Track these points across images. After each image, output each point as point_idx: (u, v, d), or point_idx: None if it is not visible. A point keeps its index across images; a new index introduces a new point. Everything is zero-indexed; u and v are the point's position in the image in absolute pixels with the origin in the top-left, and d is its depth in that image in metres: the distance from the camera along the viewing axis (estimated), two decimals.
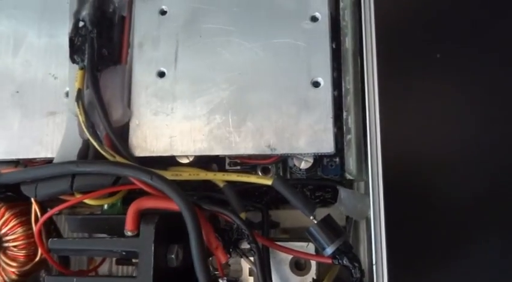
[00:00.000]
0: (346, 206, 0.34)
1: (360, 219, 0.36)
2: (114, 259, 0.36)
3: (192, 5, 0.35)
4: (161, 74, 0.34)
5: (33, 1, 0.38)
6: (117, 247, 0.30)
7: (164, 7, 0.35)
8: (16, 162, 0.37)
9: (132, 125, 0.33)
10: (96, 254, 0.32)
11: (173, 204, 0.30)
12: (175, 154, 0.33)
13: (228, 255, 0.30)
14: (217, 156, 0.33)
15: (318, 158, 0.34)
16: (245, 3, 0.34)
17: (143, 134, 0.33)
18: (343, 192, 0.35)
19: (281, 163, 0.35)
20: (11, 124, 0.36)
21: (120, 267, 0.40)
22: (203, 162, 0.35)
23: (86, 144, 0.33)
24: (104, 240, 0.31)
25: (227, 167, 0.36)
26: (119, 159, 0.32)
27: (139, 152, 0.33)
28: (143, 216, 0.31)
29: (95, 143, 0.32)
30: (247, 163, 0.35)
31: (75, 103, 0.33)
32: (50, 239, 0.32)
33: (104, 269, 0.38)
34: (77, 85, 0.33)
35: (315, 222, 0.30)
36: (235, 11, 0.34)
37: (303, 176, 0.34)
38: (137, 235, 0.30)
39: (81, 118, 0.32)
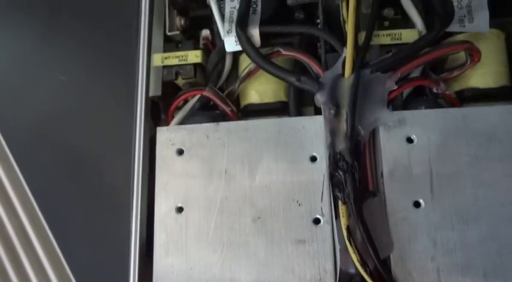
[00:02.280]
0: None
1: None
2: None
3: (440, 134, 0.35)
4: (417, 204, 0.34)
5: (266, 125, 0.38)
6: None
7: (411, 135, 0.35)
8: None
9: (393, 257, 0.33)
10: None
11: None
12: None
13: None
14: None
15: None
16: (493, 131, 0.35)
17: (407, 269, 0.33)
18: None
19: None
20: (256, 252, 0.36)
21: None
22: None
23: (349, 279, 0.33)
24: None
25: None
26: None
27: None
28: None
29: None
30: None
31: (346, 241, 0.33)
32: None
33: None
34: (344, 221, 0.33)
35: None
36: (485, 138, 0.34)
37: None
38: None
39: (355, 257, 0.32)
